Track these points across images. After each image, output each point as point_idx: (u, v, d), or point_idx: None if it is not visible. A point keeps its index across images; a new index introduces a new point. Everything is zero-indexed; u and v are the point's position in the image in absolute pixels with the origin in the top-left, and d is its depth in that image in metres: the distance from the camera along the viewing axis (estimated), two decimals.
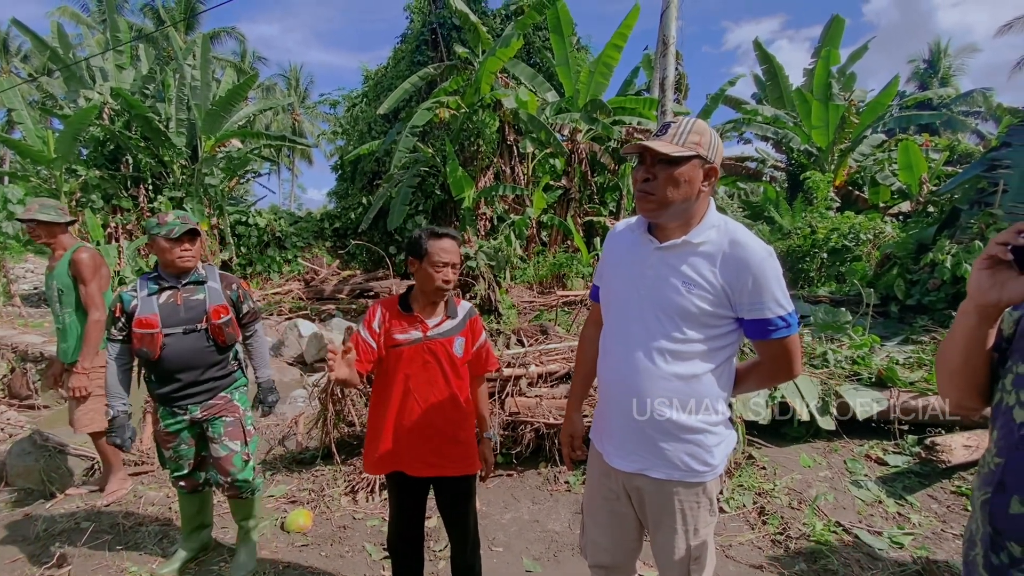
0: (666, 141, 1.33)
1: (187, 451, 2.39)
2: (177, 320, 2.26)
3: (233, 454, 2.38)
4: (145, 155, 11.78)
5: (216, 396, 2.36)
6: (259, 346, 2.57)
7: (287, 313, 10.15)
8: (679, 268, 1.37)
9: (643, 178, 1.35)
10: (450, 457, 1.93)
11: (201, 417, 2.33)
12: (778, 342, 1.35)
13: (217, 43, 26.10)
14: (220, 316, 2.32)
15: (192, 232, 2.28)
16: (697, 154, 1.32)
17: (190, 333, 2.27)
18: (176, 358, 2.25)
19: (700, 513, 1.44)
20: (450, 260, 1.88)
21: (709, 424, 1.40)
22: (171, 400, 2.29)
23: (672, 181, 1.32)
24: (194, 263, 2.32)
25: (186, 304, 2.29)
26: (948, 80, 30.83)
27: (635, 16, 10.39)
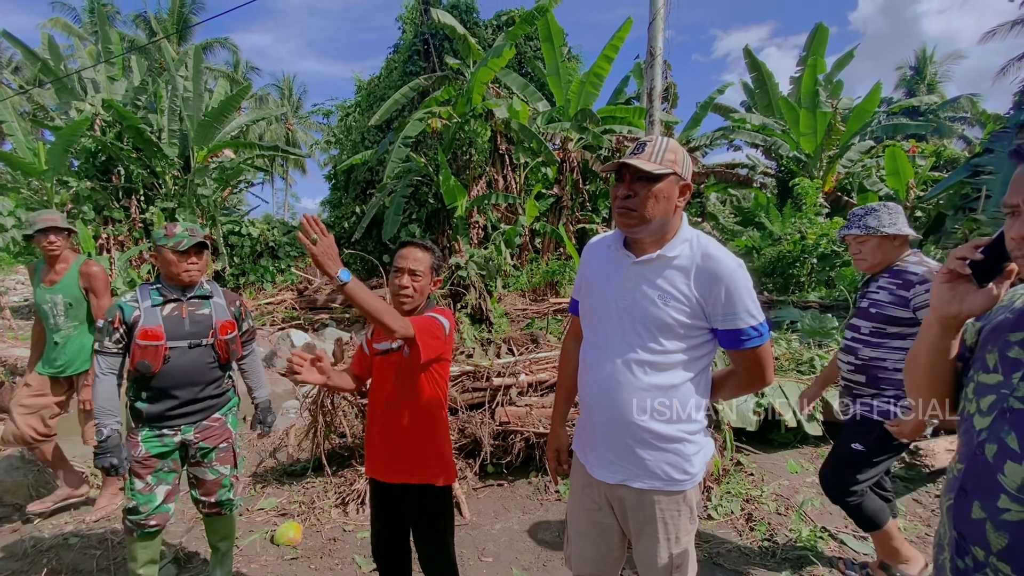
0: (644, 159, 1.38)
1: (167, 476, 2.25)
2: (182, 334, 2.20)
3: (222, 477, 2.35)
4: (137, 166, 11.77)
5: (210, 417, 2.30)
6: (256, 366, 2.55)
7: (280, 323, 10.14)
8: (655, 281, 1.41)
9: (624, 195, 1.40)
10: (409, 462, 1.88)
11: (194, 440, 2.26)
12: (751, 351, 1.39)
13: (210, 53, 26.14)
14: (227, 332, 2.29)
15: (200, 245, 2.23)
16: (674, 171, 1.37)
17: (195, 348, 2.22)
18: (177, 373, 2.18)
19: (681, 521, 1.47)
20: (404, 266, 1.86)
21: (688, 433, 1.43)
22: (163, 419, 2.20)
23: (652, 197, 1.37)
24: (199, 277, 2.27)
25: (191, 318, 2.23)
26: (935, 86, 31.30)
27: (627, 29, 10.54)
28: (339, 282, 1.53)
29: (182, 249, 2.18)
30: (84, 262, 3.04)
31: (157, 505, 2.22)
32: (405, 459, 1.89)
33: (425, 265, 1.90)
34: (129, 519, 2.21)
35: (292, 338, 8.55)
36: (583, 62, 14.75)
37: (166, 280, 2.25)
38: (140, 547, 2.24)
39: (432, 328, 1.79)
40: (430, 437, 1.91)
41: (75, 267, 3.03)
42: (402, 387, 1.88)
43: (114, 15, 24.80)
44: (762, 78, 15.21)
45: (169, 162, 11.85)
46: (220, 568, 2.49)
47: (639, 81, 13.97)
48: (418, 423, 1.88)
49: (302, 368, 1.70)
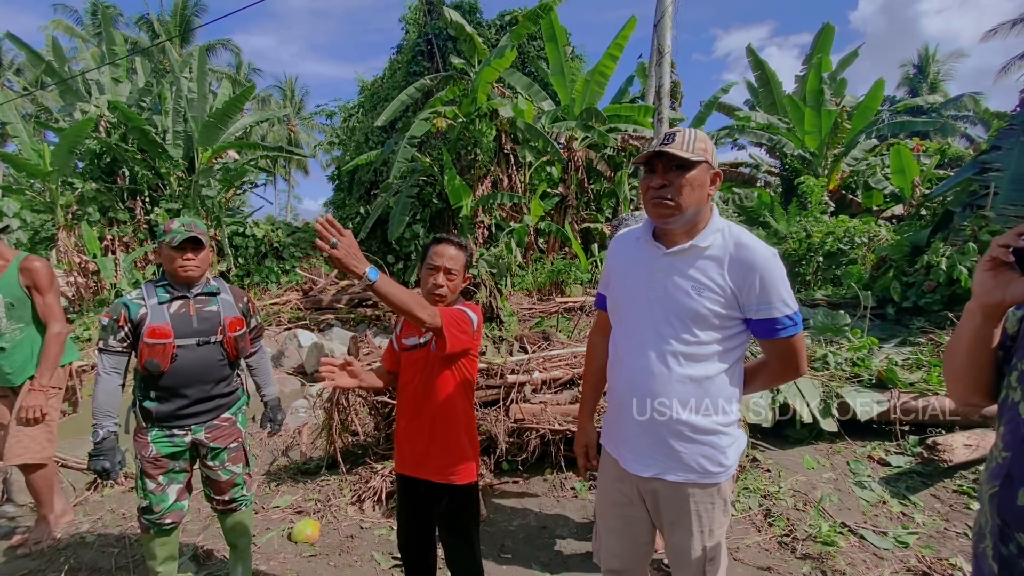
0: (676, 148, 1.37)
1: (179, 475, 2.23)
2: (190, 331, 2.16)
3: (235, 476, 2.33)
4: (142, 167, 11.80)
5: (220, 416, 2.27)
6: (264, 363, 2.54)
7: (286, 323, 10.14)
8: (687, 272, 1.41)
9: (659, 184, 1.39)
10: (436, 458, 1.87)
11: (205, 440, 2.22)
12: (785, 341, 1.39)
13: (212, 55, 26.18)
14: (237, 328, 2.26)
15: (195, 241, 2.16)
16: (705, 159, 1.36)
17: (203, 345, 2.18)
18: (187, 371, 2.14)
19: (715, 514, 1.46)
20: (440, 264, 1.85)
21: (722, 425, 1.42)
22: (174, 419, 2.16)
23: (688, 185, 1.37)
24: (198, 273, 2.20)
25: (199, 315, 2.19)
26: (937, 85, 31.28)
27: (631, 27, 10.54)
28: (368, 281, 1.49)
29: (175, 244, 2.11)
30: (25, 257, 2.79)
31: (171, 504, 2.20)
32: (432, 456, 1.88)
33: (460, 264, 1.89)
34: (145, 518, 2.20)
35: (299, 338, 8.56)
36: (586, 61, 14.77)
37: (169, 277, 2.20)
38: (158, 544, 2.24)
39: (459, 321, 1.78)
40: (456, 433, 1.89)
41: (14, 264, 2.76)
42: (429, 383, 1.87)
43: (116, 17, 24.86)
44: (765, 77, 15.20)
45: (174, 163, 11.87)
46: (241, 565, 2.48)
47: (643, 81, 13.96)
48: (445, 419, 1.88)
49: (334, 374, 1.72)
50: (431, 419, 1.87)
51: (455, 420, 1.89)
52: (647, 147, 1.41)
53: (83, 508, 3.36)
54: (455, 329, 1.75)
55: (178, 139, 11.98)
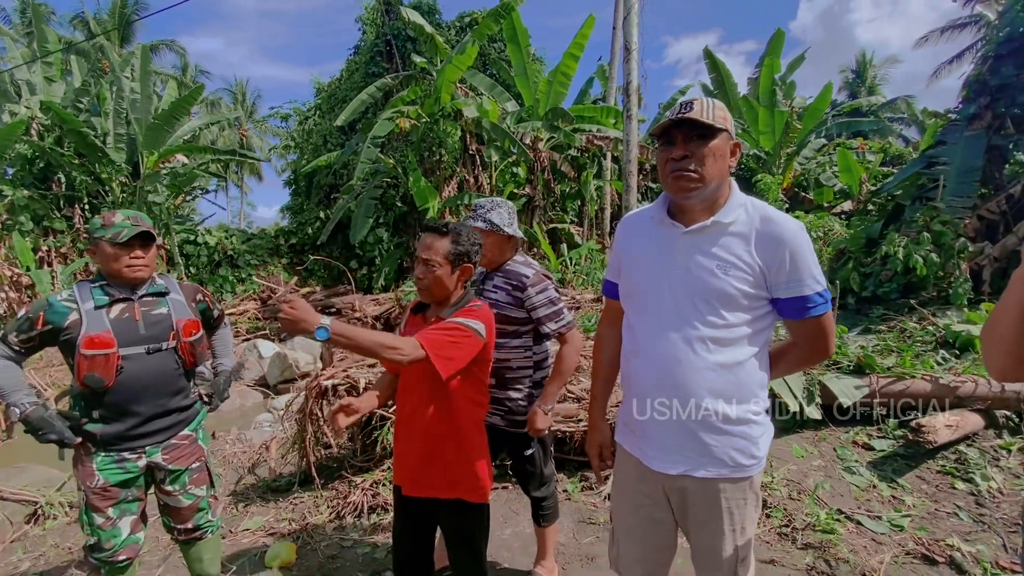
0: (697, 115, 1.27)
1: (131, 505, 1.94)
2: (136, 338, 1.86)
3: (199, 500, 2.06)
4: (80, 173, 11.02)
5: (178, 434, 2.00)
6: (224, 335, 2.32)
7: (245, 334, 9.65)
8: (711, 251, 1.31)
9: (680, 155, 1.29)
10: (437, 475, 1.69)
11: (162, 462, 1.94)
12: (815, 320, 1.30)
13: (156, 56, 24.89)
14: (192, 332, 1.99)
15: (145, 236, 1.90)
16: (726, 128, 1.27)
17: (154, 353, 1.89)
18: (137, 384, 1.85)
19: (747, 510, 1.37)
20: (418, 255, 1.71)
21: (753, 414, 1.33)
22: (124, 440, 1.87)
23: (711, 155, 1.27)
24: (147, 273, 1.93)
25: (146, 319, 1.91)
26: (874, 88, 33.10)
27: (590, 25, 10.59)
28: (319, 340, 1.36)
29: (122, 241, 1.83)
30: None
31: (124, 539, 1.92)
32: (432, 471, 1.70)
33: (439, 253, 1.68)
34: (94, 556, 1.92)
35: (259, 349, 8.13)
36: (547, 64, 14.81)
37: (109, 278, 1.91)
38: None
39: (450, 341, 1.57)
40: (466, 446, 1.71)
41: None
42: (428, 392, 1.68)
43: (49, 16, 23.35)
44: (721, 79, 15.61)
45: (116, 168, 11.15)
46: None
47: (603, 83, 14.10)
48: (452, 431, 1.69)
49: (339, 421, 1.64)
50: (436, 431, 1.69)
51: (464, 431, 1.71)
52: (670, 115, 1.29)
53: (23, 544, 3.00)
54: (444, 353, 1.55)
55: (120, 142, 11.26)
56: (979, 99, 7.77)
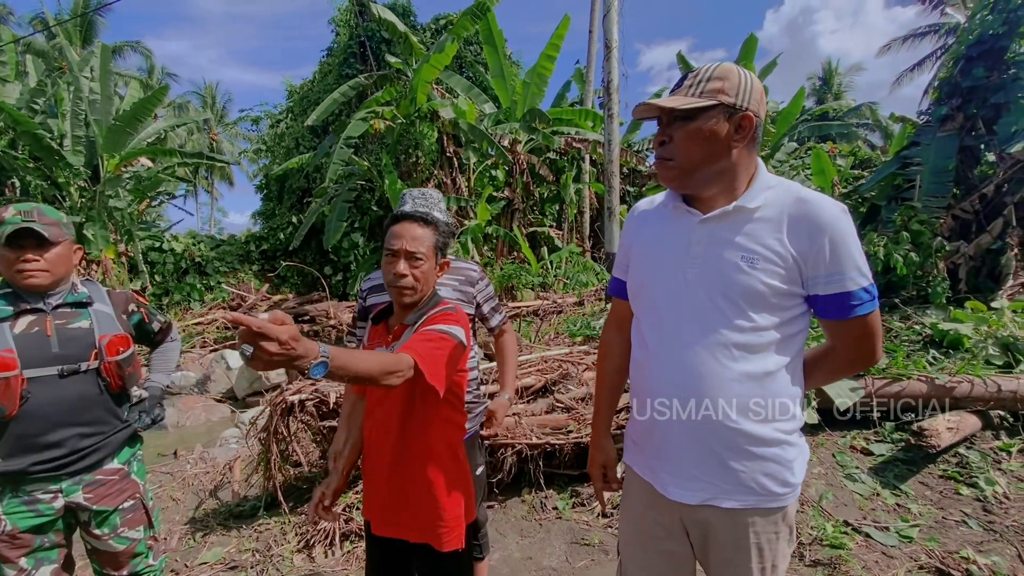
0: (680, 94, 1.12)
1: (50, 553, 1.64)
2: (47, 357, 1.58)
3: (136, 543, 1.76)
4: (35, 177, 10.44)
5: (103, 468, 1.68)
6: (171, 348, 1.99)
7: (212, 344, 9.21)
8: (734, 240, 1.12)
9: (659, 141, 1.15)
10: (405, 517, 1.44)
11: (84, 502, 1.64)
12: (861, 320, 1.11)
13: (120, 58, 24.07)
14: (118, 351, 1.68)
15: (31, 233, 1.56)
16: (719, 102, 1.08)
17: (68, 376, 1.60)
18: (46, 412, 1.57)
19: (779, 545, 1.17)
20: (400, 248, 1.42)
21: (786, 433, 1.14)
22: (33, 480, 1.58)
23: (688, 139, 1.10)
24: (45, 280, 1.60)
25: (61, 335, 1.62)
26: (840, 96, 34.04)
27: (566, 26, 10.49)
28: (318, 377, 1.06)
29: (4, 240, 1.53)
30: None
31: None
32: (401, 510, 1.44)
33: (427, 245, 1.45)
34: None
35: (227, 360, 7.73)
36: (523, 67, 14.69)
37: (12, 285, 1.62)
38: None
39: (438, 353, 1.32)
40: (434, 481, 1.42)
41: None
42: (398, 412, 1.41)
43: (7, 16, 22.40)
44: None
45: (74, 171, 10.58)
46: None
47: (580, 86, 14.06)
48: (419, 461, 1.42)
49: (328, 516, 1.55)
50: (406, 460, 1.42)
51: (439, 459, 1.44)
52: None
53: None
54: (434, 365, 1.29)
55: (79, 145, 10.70)
56: (950, 101, 7.91)
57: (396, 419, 1.42)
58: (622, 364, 1.38)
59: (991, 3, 7.30)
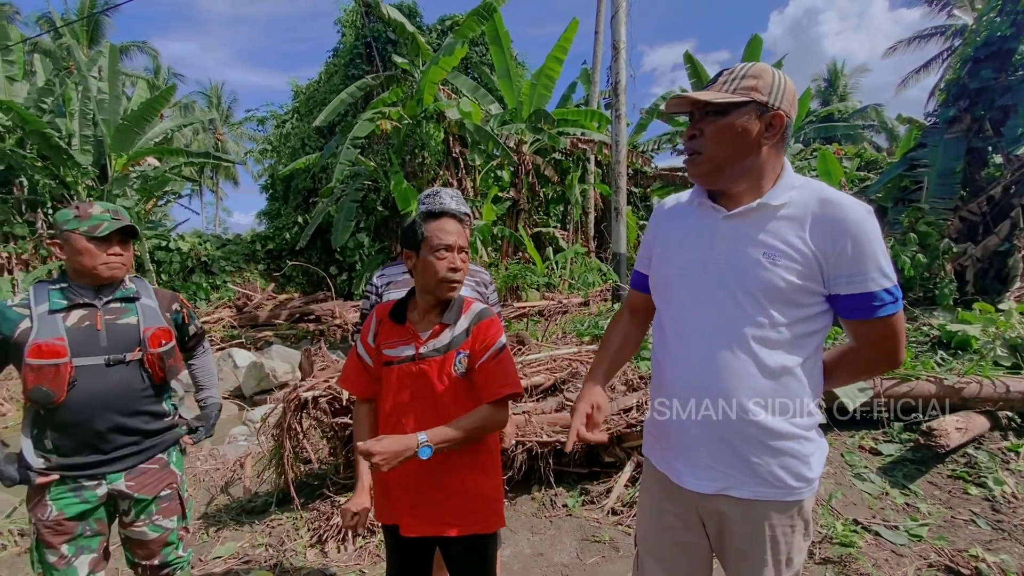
0: (714, 90, 1.14)
1: (91, 541, 1.69)
2: (96, 348, 1.64)
3: (169, 532, 1.80)
4: (43, 176, 10.52)
5: (149, 459, 1.75)
6: (207, 364, 2.05)
7: (219, 343, 9.26)
8: (757, 237, 1.14)
9: (689, 135, 1.17)
10: (454, 513, 1.47)
11: (127, 490, 1.70)
12: (883, 321, 1.12)
13: (127, 59, 24.21)
14: (161, 343, 1.73)
15: (127, 232, 1.70)
16: (752, 99, 1.11)
17: (115, 365, 1.66)
18: (92, 401, 1.62)
19: (795, 539, 1.19)
20: (455, 243, 1.46)
21: (803, 428, 1.16)
22: (81, 466, 1.64)
23: (719, 134, 1.12)
24: (124, 273, 1.75)
25: (110, 328, 1.68)
26: (846, 97, 33.95)
27: (574, 29, 10.52)
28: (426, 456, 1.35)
29: (100, 235, 1.63)
30: None
31: None
32: (452, 505, 1.45)
33: (466, 240, 1.53)
34: None
35: (234, 358, 7.78)
36: (529, 69, 14.72)
37: (74, 278, 1.70)
38: None
39: (512, 368, 1.50)
40: (481, 475, 1.48)
41: None
42: (439, 404, 1.44)
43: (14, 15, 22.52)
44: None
45: (82, 171, 10.65)
46: None
47: (587, 87, 14.08)
48: (469, 460, 1.47)
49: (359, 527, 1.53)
50: (456, 462, 1.45)
51: (485, 454, 1.50)
52: None
53: None
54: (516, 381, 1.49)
55: (87, 144, 10.77)
56: (958, 103, 7.90)
57: (437, 417, 1.43)
58: (627, 337, 1.43)
59: (999, 5, 7.30)
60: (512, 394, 1.46)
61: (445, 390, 1.44)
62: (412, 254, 1.50)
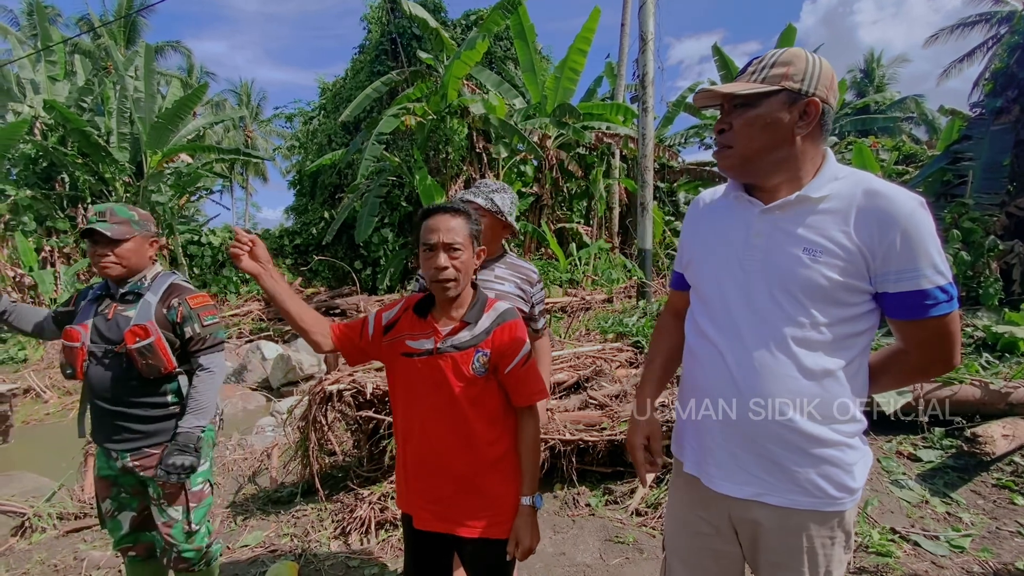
0: (743, 80, 1.09)
1: (130, 502, 1.91)
2: (101, 337, 1.82)
3: (173, 523, 1.85)
4: (83, 172, 10.91)
5: (151, 445, 1.83)
6: (200, 383, 1.87)
7: (248, 335, 9.48)
8: (796, 232, 1.08)
9: (718, 128, 1.12)
10: (463, 510, 1.44)
11: (132, 468, 1.83)
12: (937, 321, 1.04)
13: (161, 58, 24.86)
14: (136, 339, 1.74)
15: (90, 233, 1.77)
16: (782, 88, 1.05)
17: (108, 356, 1.80)
18: (95, 384, 1.82)
19: (835, 552, 1.13)
20: (437, 241, 1.39)
21: (846, 435, 1.09)
22: (102, 438, 1.86)
23: (748, 127, 1.07)
24: (116, 271, 1.81)
25: (115, 320, 1.81)
26: (883, 88, 32.74)
27: (596, 18, 10.36)
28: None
29: (80, 236, 1.80)
30: None
31: (125, 534, 1.91)
32: (462, 504, 1.44)
33: (463, 235, 1.43)
34: (115, 546, 1.97)
35: (263, 350, 7.95)
36: (552, 62, 14.59)
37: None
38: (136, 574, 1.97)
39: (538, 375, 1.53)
40: (485, 472, 1.44)
41: None
42: (457, 401, 1.42)
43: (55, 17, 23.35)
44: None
45: (119, 167, 11.02)
46: None
47: (611, 81, 13.89)
48: (468, 455, 1.43)
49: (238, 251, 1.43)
50: (462, 454, 1.42)
51: (489, 454, 1.44)
52: None
53: (7, 559, 2.80)
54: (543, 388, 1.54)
55: (124, 141, 11.13)
56: (1005, 93, 7.49)
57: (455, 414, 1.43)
58: (675, 345, 1.35)
59: None
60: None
61: (460, 387, 1.42)
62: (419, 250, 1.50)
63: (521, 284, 1.98)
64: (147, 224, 1.89)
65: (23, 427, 6.18)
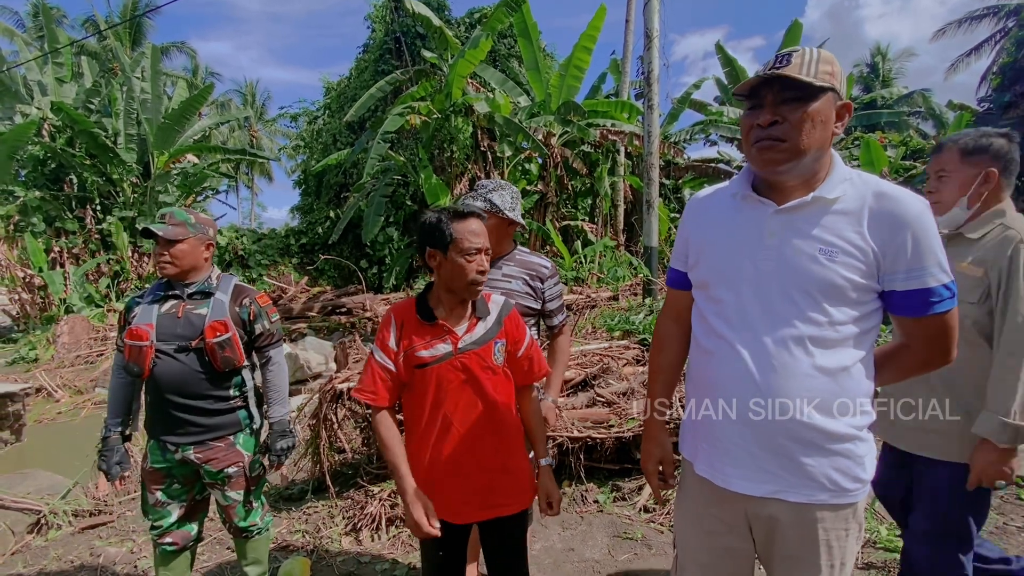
0: (793, 70, 1.05)
1: (180, 493, 2.02)
2: (173, 335, 1.91)
3: (235, 504, 2.05)
4: (91, 173, 10.99)
5: (215, 438, 1.96)
6: (274, 376, 2.10)
7: None
8: (811, 232, 1.10)
9: (769, 121, 1.07)
10: (501, 492, 1.56)
11: (195, 460, 1.96)
12: (938, 318, 1.08)
13: (167, 59, 25.00)
14: (216, 333, 1.90)
15: (144, 233, 1.94)
16: (832, 86, 1.06)
17: (182, 352, 1.90)
18: (165, 380, 1.90)
19: (848, 543, 1.15)
20: (483, 245, 1.49)
21: (858, 428, 1.12)
22: (162, 431, 1.95)
23: (808, 121, 1.05)
24: (174, 270, 1.94)
25: (187, 318, 1.93)
26: (889, 83, 32.51)
27: (601, 16, 10.35)
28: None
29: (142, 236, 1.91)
30: None
31: (172, 522, 2.02)
32: (501, 487, 1.56)
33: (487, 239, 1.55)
34: (151, 534, 2.04)
35: None
36: (556, 60, 14.58)
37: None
38: (162, 570, 2.05)
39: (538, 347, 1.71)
40: (515, 451, 1.60)
41: None
42: (482, 395, 1.52)
43: (61, 19, 23.49)
44: (735, 72, 15.28)
45: (127, 168, 11.10)
46: None
47: (616, 78, 13.86)
48: (508, 432, 1.58)
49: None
50: (494, 440, 1.54)
51: (515, 434, 1.61)
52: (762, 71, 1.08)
53: (23, 556, 2.85)
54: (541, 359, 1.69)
55: (131, 142, 11.22)
56: (1014, 87, 7.44)
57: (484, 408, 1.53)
58: (679, 357, 1.37)
59: None
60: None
61: (487, 380, 1.52)
62: (437, 253, 1.49)
63: (530, 280, 2.00)
64: (203, 228, 1.99)
65: (36, 426, 6.26)
